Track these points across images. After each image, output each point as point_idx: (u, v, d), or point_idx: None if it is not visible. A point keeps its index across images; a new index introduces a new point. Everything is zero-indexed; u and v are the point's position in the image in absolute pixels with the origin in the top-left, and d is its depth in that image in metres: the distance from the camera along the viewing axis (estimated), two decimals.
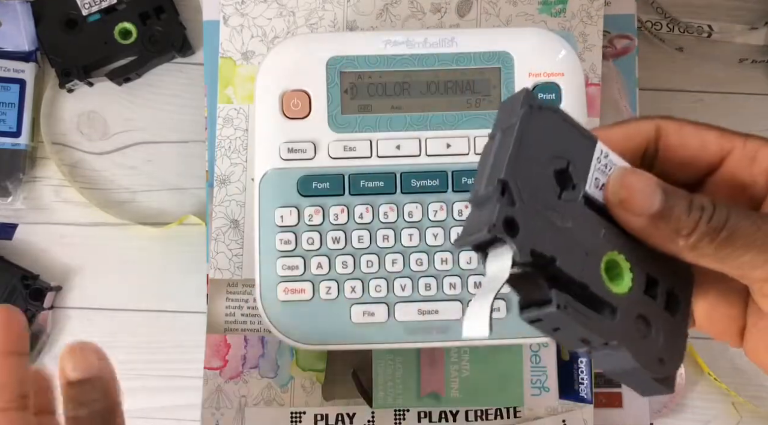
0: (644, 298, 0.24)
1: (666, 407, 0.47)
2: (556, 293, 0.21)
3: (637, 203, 0.22)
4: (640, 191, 0.22)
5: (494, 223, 0.21)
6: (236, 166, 0.45)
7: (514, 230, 0.21)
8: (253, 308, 0.44)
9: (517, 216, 0.21)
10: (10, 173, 0.47)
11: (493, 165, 0.22)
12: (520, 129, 0.22)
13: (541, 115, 0.22)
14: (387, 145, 0.40)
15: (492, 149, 0.23)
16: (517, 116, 0.22)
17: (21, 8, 0.47)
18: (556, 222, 0.22)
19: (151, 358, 0.47)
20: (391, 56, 0.40)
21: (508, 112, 0.23)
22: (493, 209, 0.21)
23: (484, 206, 0.22)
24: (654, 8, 0.50)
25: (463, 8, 0.47)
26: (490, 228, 0.21)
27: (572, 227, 0.22)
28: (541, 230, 0.22)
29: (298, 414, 0.44)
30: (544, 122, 0.23)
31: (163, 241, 0.48)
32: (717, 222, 0.22)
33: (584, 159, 0.23)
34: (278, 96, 0.40)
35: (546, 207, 0.22)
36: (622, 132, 0.25)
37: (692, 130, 0.25)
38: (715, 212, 0.22)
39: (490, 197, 0.21)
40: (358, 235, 0.39)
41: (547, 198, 0.22)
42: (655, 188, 0.22)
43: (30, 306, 0.46)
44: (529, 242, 0.21)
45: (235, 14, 0.46)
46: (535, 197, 0.22)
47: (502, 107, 0.24)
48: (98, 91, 0.49)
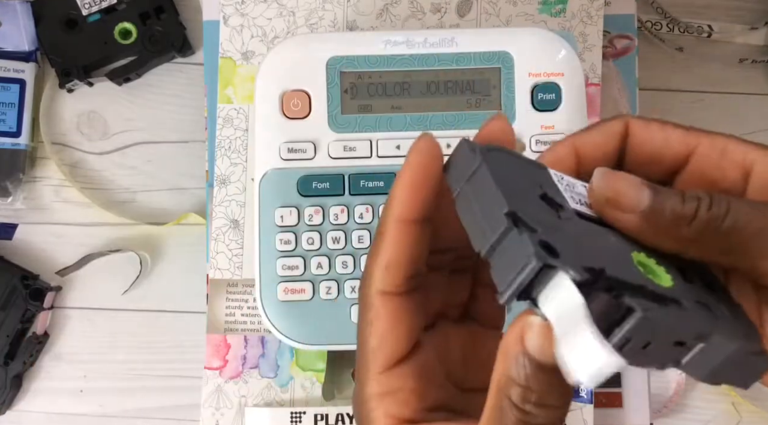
0: (689, 286, 0.21)
1: (666, 407, 0.47)
2: (632, 301, 0.18)
3: (626, 200, 0.21)
4: (626, 187, 0.21)
5: (534, 251, 0.18)
6: (236, 166, 0.45)
7: (555, 253, 0.18)
8: (253, 308, 0.44)
9: (548, 238, 0.19)
10: (10, 173, 0.47)
11: (486, 212, 0.20)
12: (490, 169, 0.20)
13: (494, 155, 0.21)
14: (387, 145, 0.40)
15: (470, 203, 0.21)
16: (476, 161, 0.21)
17: (21, 8, 0.47)
18: (576, 235, 0.20)
19: (151, 358, 0.47)
20: (391, 56, 0.40)
21: (461, 166, 0.21)
22: (523, 240, 0.18)
23: (506, 248, 0.19)
24: (654, 8, 0.50)
25: (463, 8, 0.47)
26: (538, 258, 0.18)
27: (589, 237, 0.21)
28: (575, 247, 0.19)
29: (298, 414, 0.44)
30: (500, 160, 0.21)
31: (163, 241, 0.48)
32: (718, 209, 0.20)
33: (550, 183, 0.22)
34: (278, 96, 0.40)
35: (558, 228, 0.20)
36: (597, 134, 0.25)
37: (657, 127, 0.24)
38: (714, 199, 0.21)
39: (506, 235, 0.19)
40: (358, 235, 0.39)
41: (551, 218, 0.20)
42: (639, 183, 0.21)
43: (30, 306, 0.46)
44: (574, 259, 0.18)
45: (235, 14, 0.46)
46: (543, 220, 0.20)
47: (451, 164, 0.22)
48: (98, 91, 0.49)
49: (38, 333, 0.46)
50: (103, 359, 0.47)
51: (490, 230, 0.19)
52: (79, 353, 0.47)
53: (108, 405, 0.47)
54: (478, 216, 0.20)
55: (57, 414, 0.47)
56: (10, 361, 0.46)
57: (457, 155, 0.22)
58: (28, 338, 0.46)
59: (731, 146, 0.23)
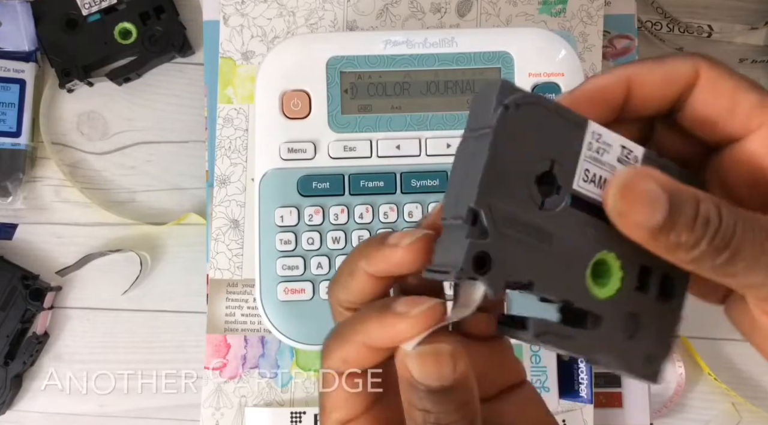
0: (634, 294, 0.22)
1: (666, 407, 0.47)
2: (533, 322, 0.21)
3: (638, 217, 0.20)
4: (642, 203, 0.20)
5: (462, 266, 0.19)
6: (236, 166, 0.45)
7: (486, 267, 0.19)
8: (253, 308, 0.44)
9: (490, 249, 0.19)
10: (10, 173, 0.47)
11: (464, 184, 0.20)
12: (494, 140, 0.20)
13: (520, 113, 0.20)
14: (387, 145, 0.40)
15: (465, 159, 0.21)
16: (491, 120, 0.20)
17: (21, 8, 0.47)
18: (535, 242, 0.20)
19: (151, 358, 0.47)
20: (391, 56, 0.40)
21: (482, 109, 0.20)
22: (462, 246, 0.19)
23: (455, 235, 0.20)
24: (654, 8, 0.50)
25: (463, 8, 0.47)
26: (458, 273, 0.19)
27: (554, 239, 0.21)
28: (517, 257, 0.20)
29: (298, 414, 0.44)
30: (524, 120, 0.20)
31: (163, 241, 0.48)
32: (720, 241, 0.20)
33: (573, 150, 0.21)
34: (278, 96, 0.40)
35: (524, 226, 0.20)
36: (660, 73, 0.22)
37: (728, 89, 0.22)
38: (721, 227, 0.20)
39: (459, 227, 0.20)
40: (358, 235, 0.39)
41: (525, 214, 0.20)
42: (658, 197, 0.20)
43: (30, 306, 0.46)
44: (503, 274, 0.20)
45: (235, 14, 0.46)
46: (511, 219, 0.20)
47: (476, 101, 0.21)
48: (98, 91, 0.49)
49: (38, 333, 0.46)
50: (103, 359, 0.47)
51: (452, 209, 0.20)
52: (79, 353, 0.47)
53: (108, 405, 0.47)
54: (457, 183, 0.21)
55: (57, 414, 0.47)
56: (10, 361, 0.46)
57: (486, 94, 0.20)
58: (28, 338, 0.46)
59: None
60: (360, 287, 0.23)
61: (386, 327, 0.21)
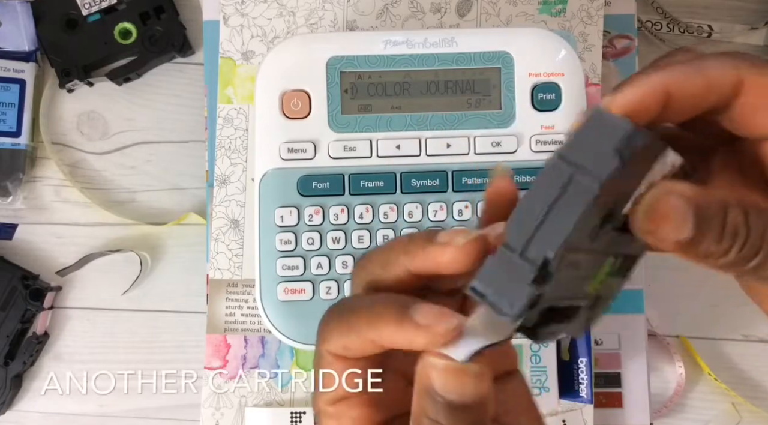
0: (607, 280, 0.23)
1: (666, 407, 0.47)
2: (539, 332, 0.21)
3: (665, 235, 0.20)
4: (668, 222, 0.20)
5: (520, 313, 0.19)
6: (236, 166, 0.45)
7: (532, 306, 0.19)
8: (253, 308, 0.44)
9: (543, 293, 0.19)
10: (10, 173, 0.47)
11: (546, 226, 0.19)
12: (597, 197, 0.19)
13: (629, 162, 0.19)
14: (387, 145, 0.40)
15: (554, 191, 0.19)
16: (601, 168, 0.19)
17: (21, 8, 0.47)
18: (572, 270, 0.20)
19: (151, 358, 0.47)
20: (391, 56, 0.40)
21: (595, 140, 0.19)
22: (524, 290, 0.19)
23: (515, 269, 0.19)
24: (654, 8, 0.50)
25: (463, 8, 0.47)
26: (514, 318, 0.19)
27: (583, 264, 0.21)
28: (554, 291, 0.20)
29: (298, 414, 0.44)
30: (630, 169, 0.19)
31: (163, 241, 0.48)
32: (749, 250, 0.20)
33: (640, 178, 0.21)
34: (278, 96, 0.40)
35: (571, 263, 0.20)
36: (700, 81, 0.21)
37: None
38: (749, 236, 0.20)
39: (524, 270, 0.19)
40: (358, 235, 0.39)
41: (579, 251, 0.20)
42: (685, 213, 0.20)
43: (30, 306, 0.46)
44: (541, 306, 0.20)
45: (235, 14, 0.46)
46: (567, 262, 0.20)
47: (592, 124, 0.20)
48: (98, 91, 0.49)
49: (38, 333, 0.46)
50: (103, 359, 0.47)
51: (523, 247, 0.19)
52: (79, 353, 0.47)
53: (108, 405, 0.47)
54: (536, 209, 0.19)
55: (57, 414, 0.47)
56: (10, 361, 0.46)
57: (607, 129, 0.19)
58: (28, 338, 0.46)
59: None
60: (393, 282, 0.23)
61: (402, 334, 0.21)
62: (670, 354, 0.47)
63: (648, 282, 0.46)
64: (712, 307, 0.48)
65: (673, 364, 0.47)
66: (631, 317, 0.45)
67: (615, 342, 0.46)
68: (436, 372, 0.20)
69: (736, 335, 0.48)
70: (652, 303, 0.47)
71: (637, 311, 0.45)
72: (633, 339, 0.45)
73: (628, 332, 0.45)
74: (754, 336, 0.48)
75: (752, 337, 0.48)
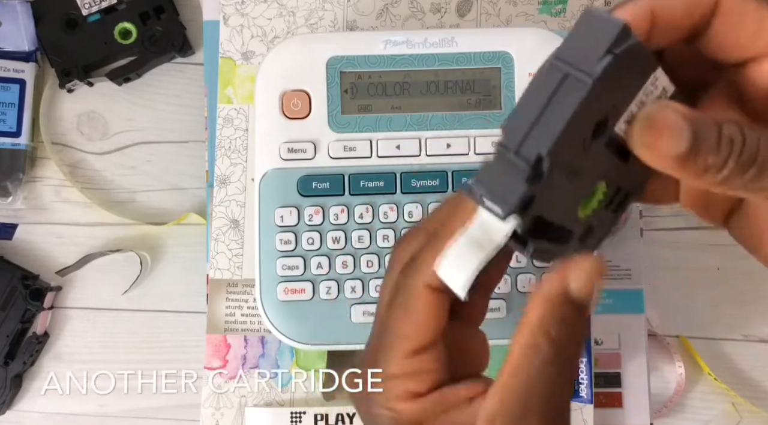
0: (601, 211, 0.24)
1: (666, 407, 0.47)
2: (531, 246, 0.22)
3: (663, 147, 0.21)
4: (667, 133, 0.21)
5: (512, 209, 0.20)
6: (236, 166, 0.45)
7: (527, 206, 0.21)
8: (253, 308, 0.44)
9: (536, 193, 0.20)
10: (10, 173, 0.47)
11: (540, 126, 0.20)
12: (589, 93, 0.19)
13: (621, 63, 0.20)
14: (387, 145, 0.40)
15: (548, 92, 0.20)
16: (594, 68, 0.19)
17: (21, 8, 0.47)
18: (565, 180, 0.21)
19: (151, 358, 0.47)
20: (391, 56, 0.40)
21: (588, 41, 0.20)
22: (519, 187, 0.20)
23: (510, 169, 0.20)
24: None
25: (463, 8, 0.47)
26: (507, 213, 0.20)
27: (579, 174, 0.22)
28: (550, 197, 0.21)
29: (298, 414, 0.44)
30: (621, 72, 0.20)
31: (163, 241, 0.48)
32: (747, 157, 0.21)
33: (632, 94, 0.21)
34: (278, 96, 0.40)
35: (566, 167, 0.21)
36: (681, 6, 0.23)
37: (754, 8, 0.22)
38: (745, 145, 0.21)
39: (520, 168, 0.20)
40: (358, 235, 0.39)
41: (572, 157, 0.21)
42: (682, 126, 0.20)
43: (30, 306, 0.46)
44: (534, 211, 0.21)
45: (235, 14, 0.46)
46: (561, 163, 0.20)
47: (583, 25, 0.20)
48: (98, 91, 0.49)
49: (38, 333, 0.46)
50: (103, 359, 0.47)
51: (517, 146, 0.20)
52: (79, 353, 0.47)
53: (108, 405, 0.47)
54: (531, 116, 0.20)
55: (57, 414, 0.47)
56: (10, 361, 0.46)
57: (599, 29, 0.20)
58: (28, 338, 0.46)
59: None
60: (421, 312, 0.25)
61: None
62: (670, 354, 0.47)
63: (648, 282, 0.46)
64: (712, 307, 0.48)
65: (673, 364, 0.47)
66: (631, 318, 0.45)
67: (615, 342, 0.46)
68: (580, 270, 0.22)
69: (736, 335, 0.48)
70: (652, 303, 0.47)
71: (637, 311, 0.45)
72: (633, 339, 0.45)
73: (628, 332, 0.45)
74: (754, 336, 0.48)
75: (752, 337, 0.48)
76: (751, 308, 0.48)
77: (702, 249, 0.48)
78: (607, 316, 0.45)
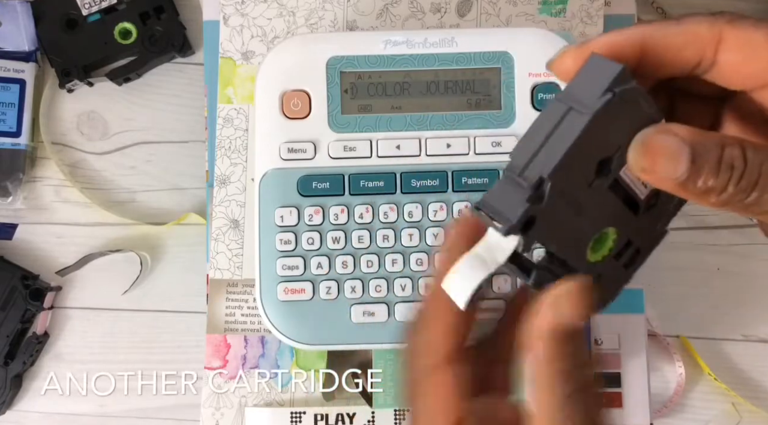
0: (611, 262, 0.26)
1: (666, 407, 0.47)
2: (536, 275, 0.24)
3: (662, 171, 0.21)
4: (664, 157, 0.21)
5: (514, 224, 0.22)
6: (236, 166, 0.45)
7: (528, 228, 0.22)
8: (253, 308, 0.44)
9: (539, 215, 0.22)
10: (10, 173, 0.47)
11: (543, 152, 0.22)
12: (589, 125, 0.21)
13: (621, 103, 0.22)
14: (387, 145, 0.40)
15: (552, 124, 0.22)
16: (593, 104, 0.21)
17: (21, 8, 0.47)
18: (570, 213, 0.23)
19: (151, 358, 0.47)
20: (391, 56, 0.40)
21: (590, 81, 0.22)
22: (521, 205, 0.22)
23: (515, 190, 0.22)
24: (654, 8, 0.50)
25: (463, 8, 0.47)
26: (509, 229, 0.22)
27: (583, 212, 0.23)
28: (554, 225, 0.22)
29: (298, 414, 0.44)
30: (619, 110, 0.22)
31: (163, 241, 0.48)
32: (746, 183, 0.21)
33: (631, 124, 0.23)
34: (278, 96, 0.40)
35: (569, 199, 0.22)
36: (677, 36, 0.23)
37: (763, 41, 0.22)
38: (746, 169, 0.21)
39: (524, 188, 0.22)
40: (358, 235, 0.39)
41: (576, 189, 0.23)
42: (681, 149, 0.21)
43: (30, 306, 0.46)
44: (538, 237, 0.22)
45: (235, 14, 0.46)
46: (563, 192, 0.22)
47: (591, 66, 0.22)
48: (98, 91, 0.49)
49: (38, 333, 0.46)
50: (103, 359, 0.47)
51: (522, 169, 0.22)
52: (79, 353, 0.47)
53: (108, 405, 0.47)
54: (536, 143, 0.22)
55: (57, 414, 0.47)
56: (10, 361, 0.46)
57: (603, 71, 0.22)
58: (28, 338, 0.46)
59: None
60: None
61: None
62: (670, 354, 0.47)
63: (648, 282, 0.46)
64: (712, 307, 0.48)
65: (673, 364, 0.47)
66: (631, 317, 0.45)
67: (615, 342, 0.45)
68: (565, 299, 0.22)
69: (736, 335, 0.48)
70: (652, 303, 0.47)
71: (637, 311, 0.45)
72: (633, 339, 0.45)
73: (628, 332, 0.45)
74: (754, 336, 0.48)
75: (752, 337, 0.48)
76: (751, 308, 0.48)
77: (702, 249, 0.48)
78: (607, 316, 0.45)
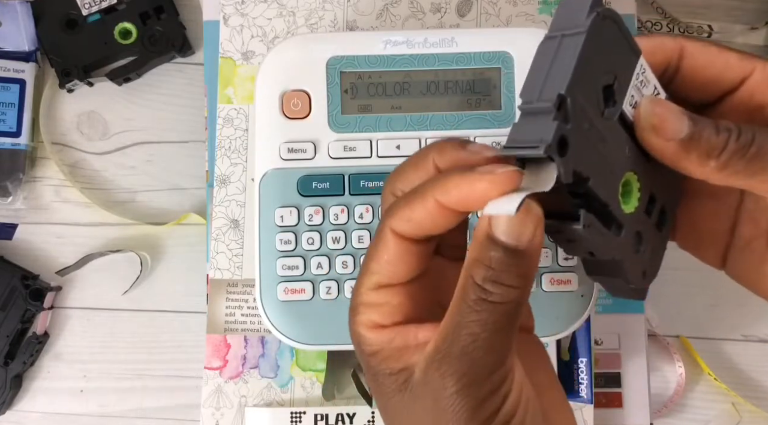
0: (643, 216, 0.26)
1: (666, 407, 0.47)
2: (584, 214, 0.23)
3: (669, 128, 0.23)
4: (671, 117, 0.23)
5: (550, 143, 0.21)
6: (236, 166, 0.45)
7: (564, 150, 0.21)
8: (253, 308, 0.44)
9: (569, 135, 0.22)
10: (10, 173, 0.47)
11: (553, 75, 0.22)
12: (587, 42, 0.22)
13: (605, 25, 0.23)
14: (387, 145, 0.40)
15: (551, 54, 0.23)
16: (584, 24, 0.22)
17: (21, 8, 0.47)
18: (596, 141, 0.23)
19: (151, 358, 0.47)
20: (391, 56, 0.40)
21: (571, 13, 0.23)
22: (551, 126, 0.21)
23: (538, 118, 0.22)
24: (654, 8, 0.50)
25: (463, 8, 0.47)
26: (547, 148, 0.21)
27: (606, 144, 0.23)
28: (585, 150, 0.22)
29: (298, 414, 0.44)
30: (606, 32, 0.23)
31: (163, 241, 0.48)
32: (745, 140, 0.23)
33: (627, 73, 0.24)
34: (278, 96, 0.40)
35: (591, 124, 0.23)
36: (646, 46, 0.25)
37: (716, 51, 0.25)
38: (742, 131, 0.23)
39: (546, 111, 0.22)
40: (358, 235, 0.39)
41: (592, 115, 0.23)
42: (682, 114, 0.23)
43: (30, 306, 0.46)
44: (574, 163, 0.22)
45: (235, 14, 0.46)
46: (583, 115, 0.22)
47: (564, 6, 0.23)
48: (98, 91, 0.49)
49: (38, 333, 0.46)
50: (103, 359, 0.47)
51: (538, 95, 0.22)
52: (79, 353, 0.47)
53: (108, 405, 0.47)
54: (543, 73, 0.23)
55: (57, 414, 0.47)
56: (10, 361, 0.46)
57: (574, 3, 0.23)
58: (28, 338, 0.46)
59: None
60: (426, 218, 0.24)
61: (466, 185, 0.22)
62: (670, 354, 0.47)
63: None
64: (712, 307, 0.48)
65: (673, 364, 0.47)
66: (631, 317, 0.45)
67: (615, 342, 0.46)
68: (501, 217, 0.21)
69: (736, 335, 0.48)
70: (652, 303, 0.47)
71: (637, 311, 0.45)
72: (633, 339, 0.45)
73: (628, 332, 0.45)
74: (754, 336, 0.48)
75: (752, 337, 0.48)
76: (751, 309, 0.48)
77: None
78: (607, 316, 0.45)
